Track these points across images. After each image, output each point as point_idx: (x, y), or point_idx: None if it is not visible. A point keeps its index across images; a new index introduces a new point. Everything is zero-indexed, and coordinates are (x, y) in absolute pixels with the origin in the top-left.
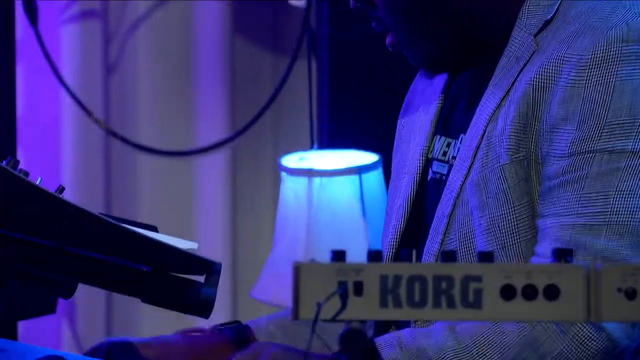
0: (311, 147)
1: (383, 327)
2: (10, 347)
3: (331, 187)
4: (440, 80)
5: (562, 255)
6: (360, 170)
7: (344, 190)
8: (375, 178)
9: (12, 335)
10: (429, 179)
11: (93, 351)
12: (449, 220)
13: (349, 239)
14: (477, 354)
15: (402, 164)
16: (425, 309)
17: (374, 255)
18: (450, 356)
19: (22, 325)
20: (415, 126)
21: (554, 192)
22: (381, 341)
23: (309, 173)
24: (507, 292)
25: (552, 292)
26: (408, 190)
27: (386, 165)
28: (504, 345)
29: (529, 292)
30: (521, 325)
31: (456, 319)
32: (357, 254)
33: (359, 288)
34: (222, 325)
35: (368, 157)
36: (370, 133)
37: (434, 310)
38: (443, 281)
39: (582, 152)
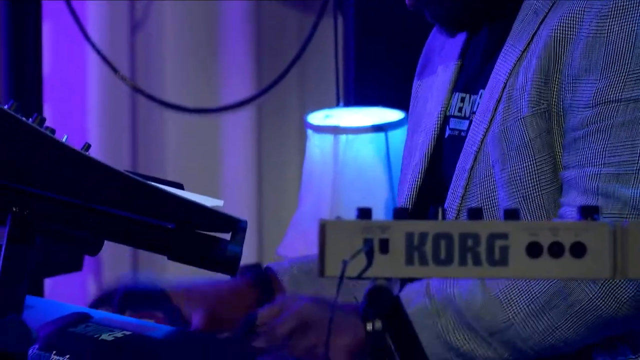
0: (337, 105)
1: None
2: (36, 304)
3: (357, 145)
4: (457, 40)
5: (589, 212)
6: (386, 127)
7: (370, 148)
8: (401, 135)
9: (39, 292)
10: (446, 136)
11: (107, 295)
12: (470, 174)
13: (375, 196)
14: (505, 301)
15: (418, 123)
16: (451, 266)
17: (400, 213)
18: (479, 304)
19: (48, 283)
20: (433, 86)
21: (579, 143)
22: (410, 289)
23: (335, 130)
24: (533, 250)
25: (578, 250)
26: (425, 148)
27: None
28: (532, 293)
29: (555, 250)
30: None
31: (482, 277)
32: (383, 211)
33: (384, 245)
34: (242, 267)
35: (394, 115)
36: (396, 90)
37: (460, 268)
38: (469, 239)
39: (607, 102)
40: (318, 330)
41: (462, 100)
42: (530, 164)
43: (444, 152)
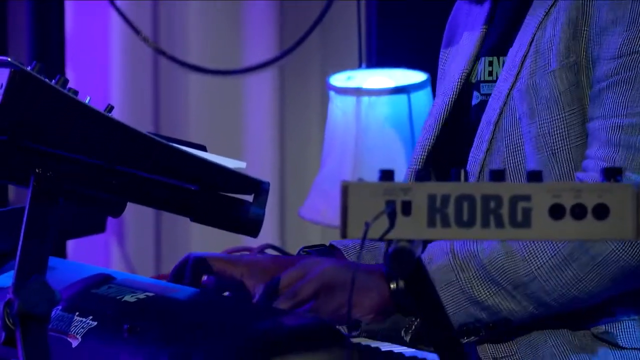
0: (359, 66)
1: None
2: (59, 265)
3: (379, 106)
4: (484, 6)
5: (612, 174)
6: (408, 89)
7: (392, 110)
8: (424, 97)
9: (62, 254)
10: (474, 103)
11: (179, 268)
12: (495, 127)
13: (397, 158)
14: (528, 255)
15: (439, 87)
16: (474, 228)
17: (422, 175)
18: (502, 259)
19: (71, 244)
20: (458, 54)
21: (603, 94)
22: (433, 247)
23: (358, 92)
24: (556, 212)
25: (601, 211)
26: (440, 109)
27: (435, 84)
28: (555, 247)
29: (578, 212)
30: None
31: (504, 239)
32: (405, 173)
33: (407, 207)
34: (306, 247)
35: (417, 76)
36: (419, 51)
37: (482, 229)
38: (491, 200)
39: (630, 54)
40: (342, 292)
41: (491, 63)
42: (560, 118)
43: (471, 118)
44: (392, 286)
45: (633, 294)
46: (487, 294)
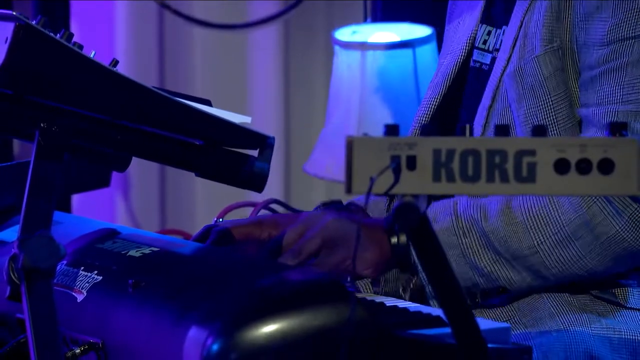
0: (365, 20)
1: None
2: (64, 219)
3: (385, 61)
4: None
5: (617, 129)
6: (414, 43)
7: (398, 64)
8: (429, 51)
9: (67, 208)
10: (470, 66)
11: (198, 239)
12: (489, 112)
13: (402, 113)
14: (531, 228)
15: (449, 45)
16: (479, 183)
17: (428, 130)
18: (504, 229)
19: (76, 199)
20: (465, 13)
21: (596, 81)
22: (437, 206)
23: (363, 47)
24: (561, 166)
25: (606, 166)
26: (448, 70)
27: (440, 39)
28: (559, 223)
29: (583, 166)
30: (577, 204)
31: (509, 193)
32: (410, 128)
33: (412, 162)
34: (324, 203)
35: (422, 31)
36: (424, 6)
37: (487, 184)
38: (496, 155)
39: (621, 40)
40: (344, 246)
41: (489, 33)
42: (546, 102)
43: (468, 81)
44: (392, 240)
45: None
46: (487, 261)
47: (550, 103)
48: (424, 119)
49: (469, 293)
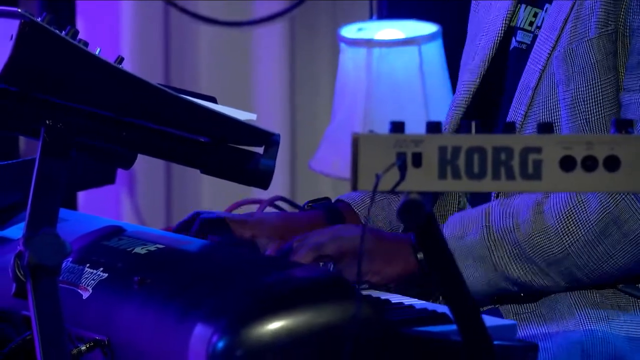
0: (370, 18)
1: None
2: (70, 217)
3: (390, 58)
4: None
5: (623, 126)
6: (419, 40)
7: (403, 61)
8: (435, 49)
9: (72, 205)
10: (511, 48)
11: (185, 224)
12: (534, 92)
13: (408, 109)
14: (562, 231)
15: (479, 28)
16: (484, 180)
17: (433, 126)
18: (537, 235)
19: (82, 196)
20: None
21: None
22: (467, 219)
23: (368, 44)
24: (567, 164)
25: (612, 163)
26: (486, 51)
27: (446, 36)
28: (588, 222)
29: (589, 164)
30: (605, 202)
31: (515, 191)
32: (416, 125)
33: (417, 159)
34: (311, 202)
35: (428, 28)
36: (430, 3)
37: (493, 181)
38: (502, 152)
39: None
40: (366, 260)
41: (535, 15)
42: (594, 86)
43: (509, 63)
44: (419, 256)
45: None
46: (521, 272)
47: (599, 87)
48: (464, 102)
49: (505, 297)
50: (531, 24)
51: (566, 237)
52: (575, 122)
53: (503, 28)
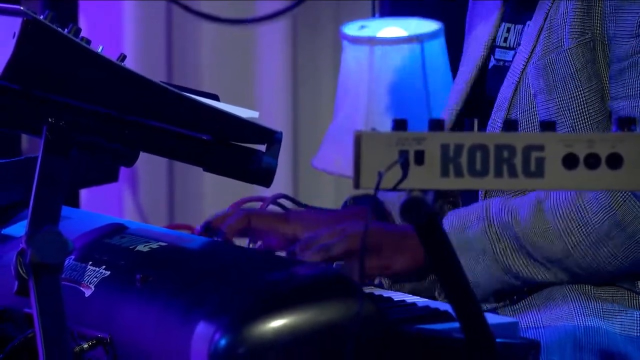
0: (373, 15)
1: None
2: (72, 214)
3: (393, 56)
4: None
5: (625, 123)
6: (422, 38)
7: (406, 59)
8: (437, 46)
9: (75, 203)
10: (490, 66)
11: (221, 218)
12: (510, 104)
13: (411, 107)
14: (564, 232)
15: (468, 46)
16: (487, 178)
17: (436, 124)
18: (537, 234)
19: (84, 194)
20: (482, 14)
21: (626, 73)
22: (468, 213)
23: (371, 42)
24: (569, 161)
25: (614, 161)
26: (467, 76)
27: (449, 34)
28: (591, 224)
29: (591, 161)
30: (608, 205)
31: (518, 188)
32: (418, 123)
33: (420, 157)
34: (354, 197)
35: (430, 25)
36: (433, 0)
37: (496, 179)
38: (505, 150)
39: None
40: (372, 255)
41: (508, 30)
42: (578, 95)
43: (488, 82)
44: None
45: None
46: (522, 265)
47: (582, 96)
48: (449, 125)
49: (509, 293)
50: (505, 39)
51: (568, 238)
52: (561, 130)
53: (485, 50)
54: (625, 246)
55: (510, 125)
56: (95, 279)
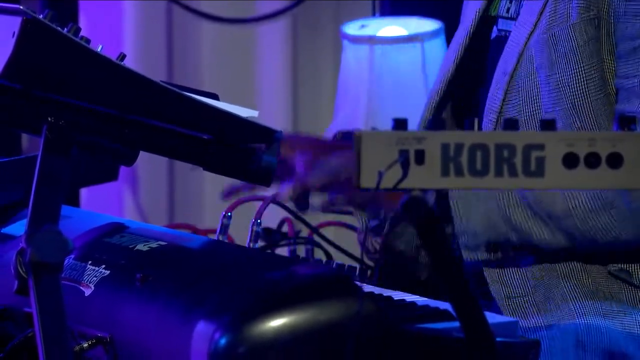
0: (373, 15)
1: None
2: (72, 214)
3: (393, 55)
4: None
5: (626, 122)
6: (422, 37)
7: (406, 58)
8: (437, 46)
9: (75, 202)
10: (493, 37)
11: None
12: (512, 77)
13: (411, 107)
14: (568, 192)
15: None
16: (487, 177)
17: (436, 123)
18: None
19: (84, 193)
20: None
21: (637, 52)
22: None
23: (371, 41)
24: (570, 161)
25: (615, 160)
26: (459, 42)
27: (449, 33)
28: (596, 191)
29: (592, 161)
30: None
31: (518, 188)
32: (419, 122)
33: (420, 156)
34: (343, 132)
35: (430, 25)
36: (433, 0)
37: (496, 178)
38: (505, 149)
39: None
40: (328, 169)
41: (511, 0)
42: (579, 71)
43: (490, 52)
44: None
45: None
46: (522, 216)
47: (583, 72)
48: (439, 92)
49: (502, 246)
50: (508, 10)
51: (571, 198)
52: (561, 107)
53: (476, 17)
54: (624, 217)
55: (510, 124)
56: (95, 278)
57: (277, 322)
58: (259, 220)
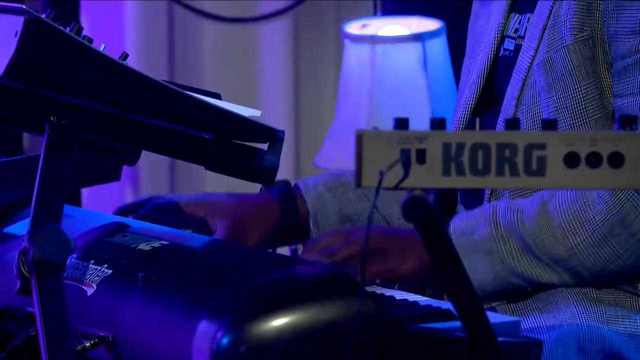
0: (374, 14)
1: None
2: (74, 213)
3: (394, 55)
4: None
5: (627, 122)
6: (423, 37)
7: (407, 58)
8: (439, 45)
9: (77, 202)
10: (499, 55)
11: (137, 204)
12: (518, 102)
13: (412, 106)
14: (568, 230)
15: (479, 42)
16: (488, 177)
17: (437, 123)
18: (542, 234)
19: (86, 192)
20: (493, 4)
21: (630, 70)
22: (475, 215)
23: (372, 40)
24: (571, 160)
25: (616, 160)
26: (481, 67)
27: (450, 32)
28: (594, 223)
29: (593, 160)
30: (611, 203)
31: (519, 187)
32: (420, 122)
33: (421, 156)
34: (270, 185)
35: (432, 24)
36: None
37: (497, 178)
38: (506, 149)
39: None
40: (378, 258)
41: (519, 22)
42: (576, 92)
43: (498, 72)
44: None
45: None
46: (528, 265)
47: (580, 93)
48: (463, 119)
49: (512, 292)
50: (516, 30)
51: (572, 236)
52: (561, 129)
53: (496, 40)
54: (628, 245)
55: (511, 123)
56: (97, 278)
57: (278, 322)
58: None
